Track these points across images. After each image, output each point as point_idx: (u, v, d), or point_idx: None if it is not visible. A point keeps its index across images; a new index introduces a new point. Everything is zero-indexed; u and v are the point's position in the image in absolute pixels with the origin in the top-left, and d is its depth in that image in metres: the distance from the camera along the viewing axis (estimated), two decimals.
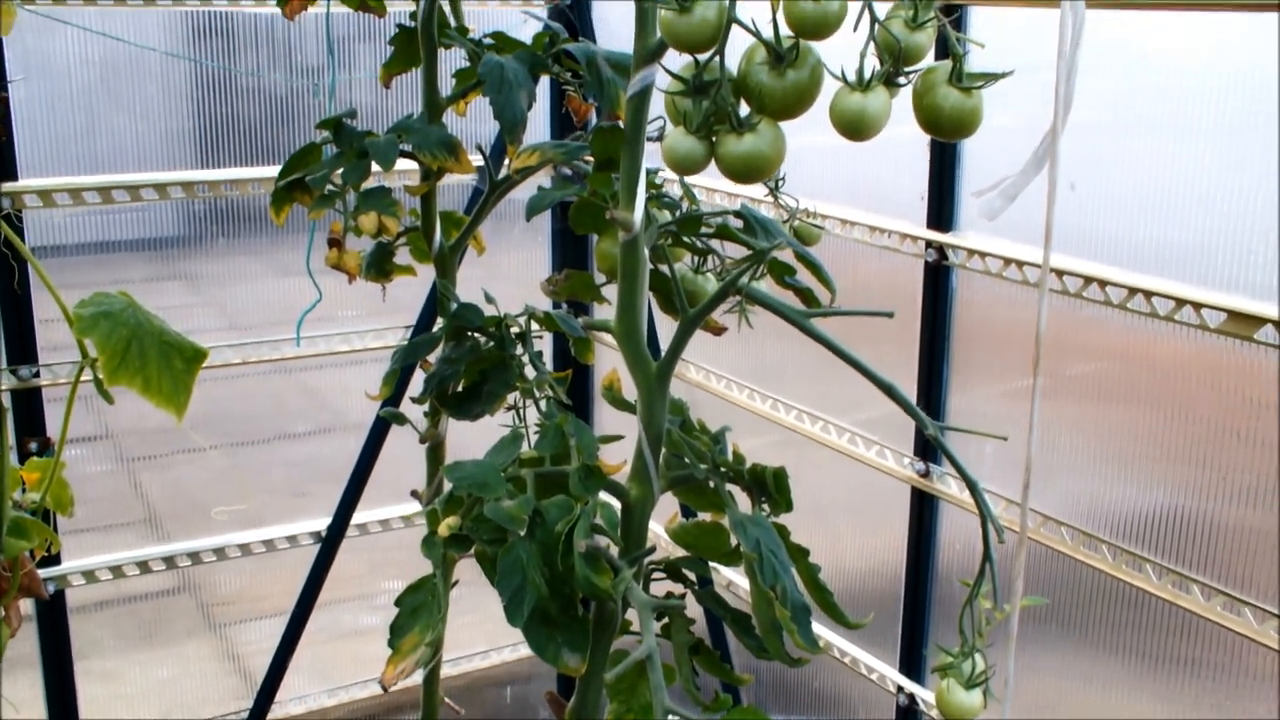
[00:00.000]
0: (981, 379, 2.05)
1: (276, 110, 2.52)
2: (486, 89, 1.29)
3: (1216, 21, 1.58)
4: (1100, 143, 1.76)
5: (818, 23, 0.75)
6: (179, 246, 2.66)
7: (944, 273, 1.95)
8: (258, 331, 2.57)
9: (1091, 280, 1.70)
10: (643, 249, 0.99)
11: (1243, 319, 1.53)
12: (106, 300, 1.52)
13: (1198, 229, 1.66)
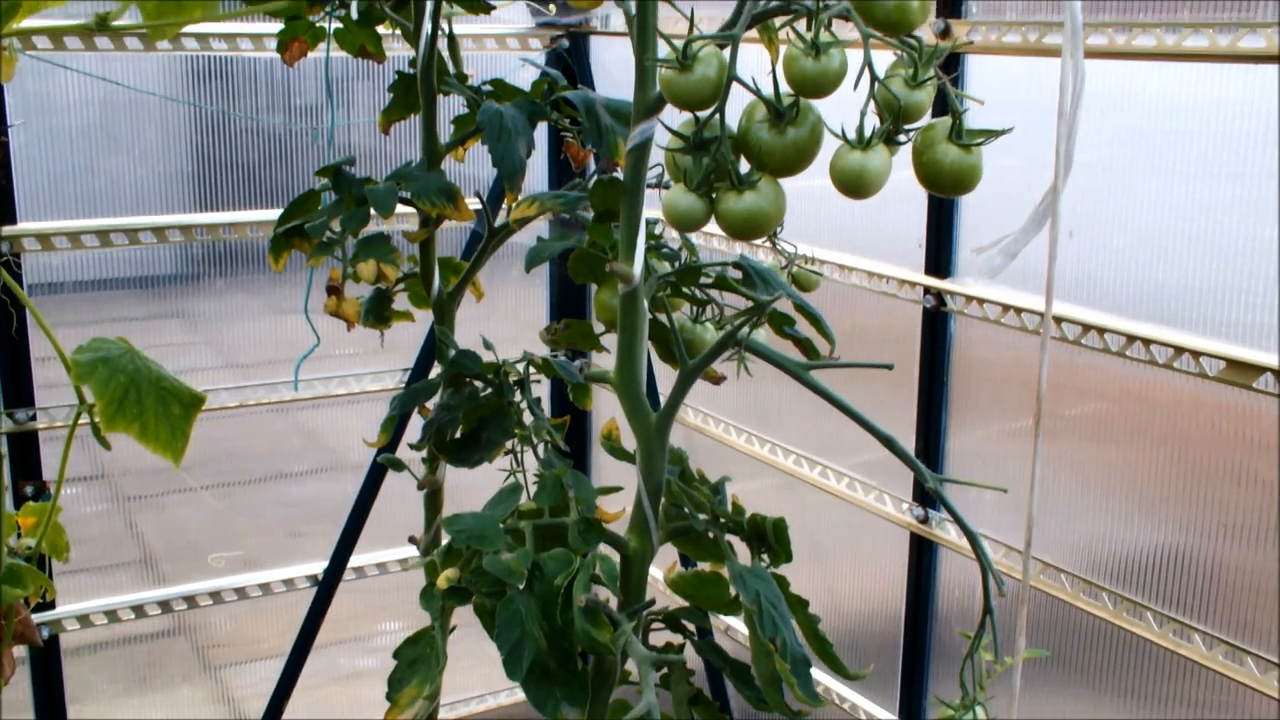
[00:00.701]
0: (981, 420, 2.05)
1: (275, 152, 2.52)
2: (485, 137, 1.29)
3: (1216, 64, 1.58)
4: (1097, 187, 1.76)
5: (818, 81, 0.75)
6: (176, 284, 2.66)
7: (942, 319, 1.95)
8: (255, 371, 2.56)
9: (1090, 328, 1.70)
10: (642, 301, 0.99)
11: (1241, 367, 1.53)
12: (104, 346, 1.52)
13: (1196, 274, 1.66)
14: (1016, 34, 1.69)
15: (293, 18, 1.48)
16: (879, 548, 2.25)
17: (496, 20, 1.96)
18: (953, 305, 1.92)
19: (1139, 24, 1.54)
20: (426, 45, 1.35)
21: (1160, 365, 1.62)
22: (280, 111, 2.52)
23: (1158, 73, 1.65)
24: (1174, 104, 1.69)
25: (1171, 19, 1.52)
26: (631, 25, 0.94)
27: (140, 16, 1.47)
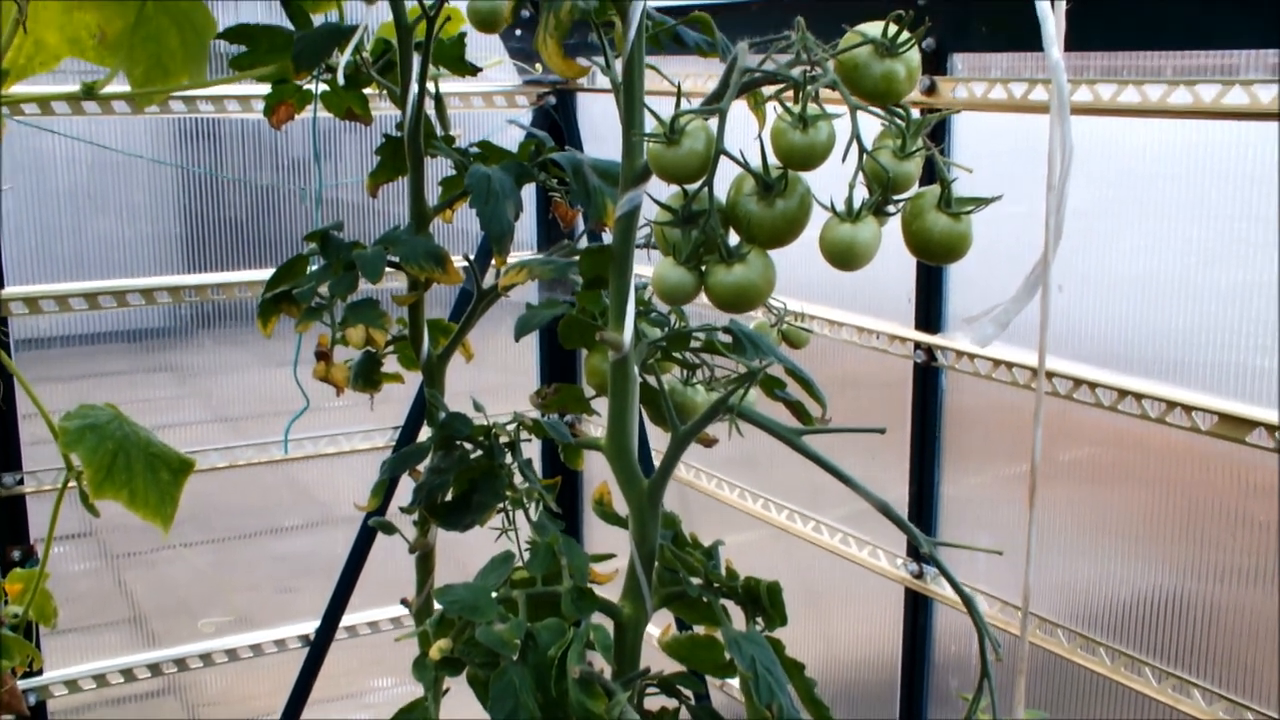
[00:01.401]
0: (974, 467, 2.04)
1: (264, 211, 2.53)
2: (473, 200, 1.29)
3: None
4: (1084, 231, 1.77)
5: (806, 154, 0.75)
6: (165, 338, 2.66)
7: (933, 374, 1.95)
8: (245, 425, 2.56)
9: (1081, 382, 1.70)
10: (633, 368, 0.99)
11: (1234, 421, 1.53)
12: (92, 412, 1.51)
13: (1188, 318, 1.66)
14: (1002, 90, 1.70)
15: (279, 81, 1.48)
16: (873, 599, 2.24)
17: (483, 79, 1.96)
18: (943, 360, 1.92)
19: (1122, 80, 1.55)
20: (413, 109, 1.35)
21: (1153, 420, 1.62)
22: (269, 168, 2.52)
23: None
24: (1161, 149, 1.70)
25: (1156, 75, 1.53)
26: (618, 95, 0.94)
27: (128, 83, 1.47)
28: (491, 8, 1.25)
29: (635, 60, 0.92)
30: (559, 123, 2.61)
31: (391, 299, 1.42)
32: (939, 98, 1.78)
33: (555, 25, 0.94)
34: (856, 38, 0.77)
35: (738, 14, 2.07)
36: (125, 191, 2.44)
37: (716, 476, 2.39)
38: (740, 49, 0.81)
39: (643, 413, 1.11)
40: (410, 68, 1.34)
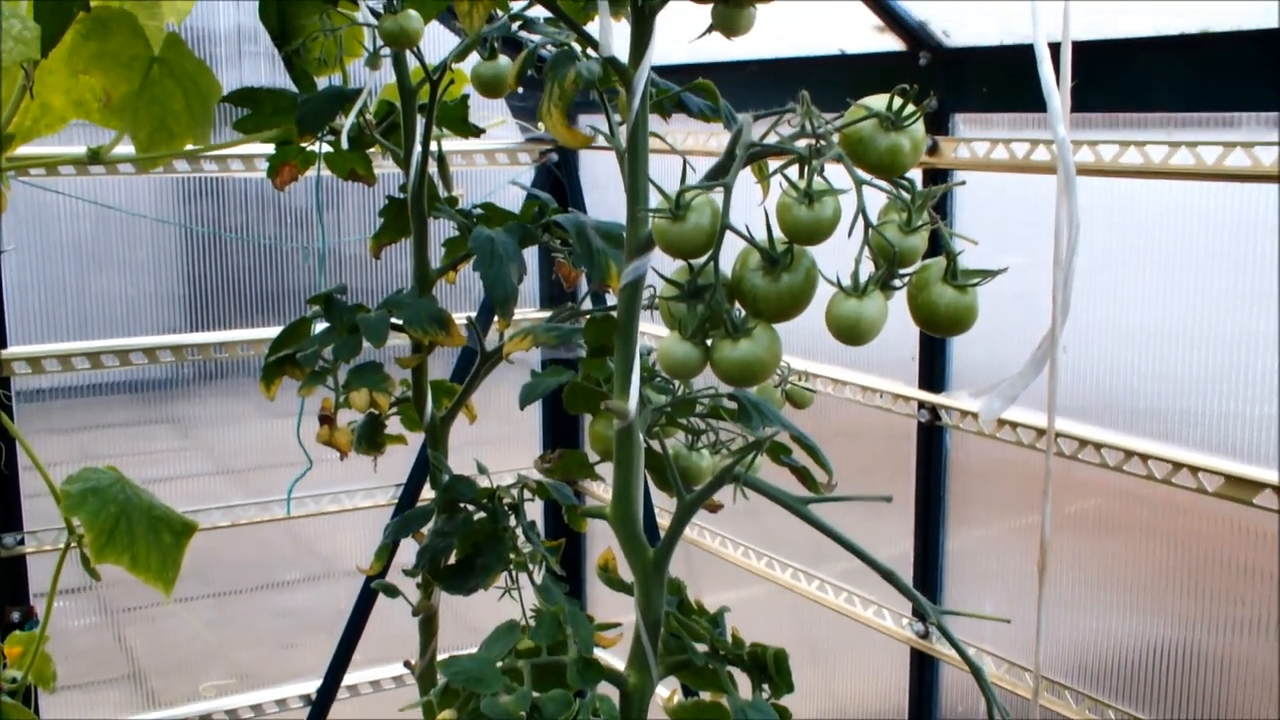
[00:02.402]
0: (979, 520, 2.04)
1: (266, 269, 2.53)
2: (477, 263, 1.29)
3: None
4: (1091, 289, 1.77)
5: (812, 229, 0.74)
6: (167, 390, 2.66)
7: (937, 433, 1.95)
8: (247, 477, 2.55)
9: (1086, 443, 1.69)
10: (638, 436, 0.99)
11: (1241, 483, 1.52)
12: (94, 476, 1.51)
13: (1194, 389, 1.66)
14: (1004, 150, 1.70)
15: (283, 143, 1.49)
16: (879, 658, 2.23)
17: (486, 137, 1.97)
18: (948, 420, 1.92)
19: (1124, 142, 1.55)
20: (417, 171, 1.35)
21: (1159, 481, 1.61)
22: (271, 223, 2.53)
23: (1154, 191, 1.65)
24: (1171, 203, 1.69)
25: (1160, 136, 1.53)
26: (622, 163, 0.94)
27: (132, 145, 1.48)
28: (496, 74, 1.26)
29: (640, 129, 0.93)
30: (561, 179, 2.62)
31: (395, 361, 1.42)
32: (941, 157, 1.78)
33: (559, 95, 0.95)
34: (861, 111, 0.77)
35: (737, 73, 2.08)
36: (129, 249, 2.45)
37: (721, 535, 2.39)
38: (745, 121, 0.81)
39: (647, 476, 1.11)
40: (414, 130, 1.34)
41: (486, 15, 0.99)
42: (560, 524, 1.43)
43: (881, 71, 1.88)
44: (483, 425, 1.47)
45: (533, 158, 2.61)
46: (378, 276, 2.61)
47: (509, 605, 1.28)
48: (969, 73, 1.75)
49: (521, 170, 2.61)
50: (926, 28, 1.81)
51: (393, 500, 2.56)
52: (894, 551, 2.10)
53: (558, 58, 0.98)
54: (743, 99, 2.09)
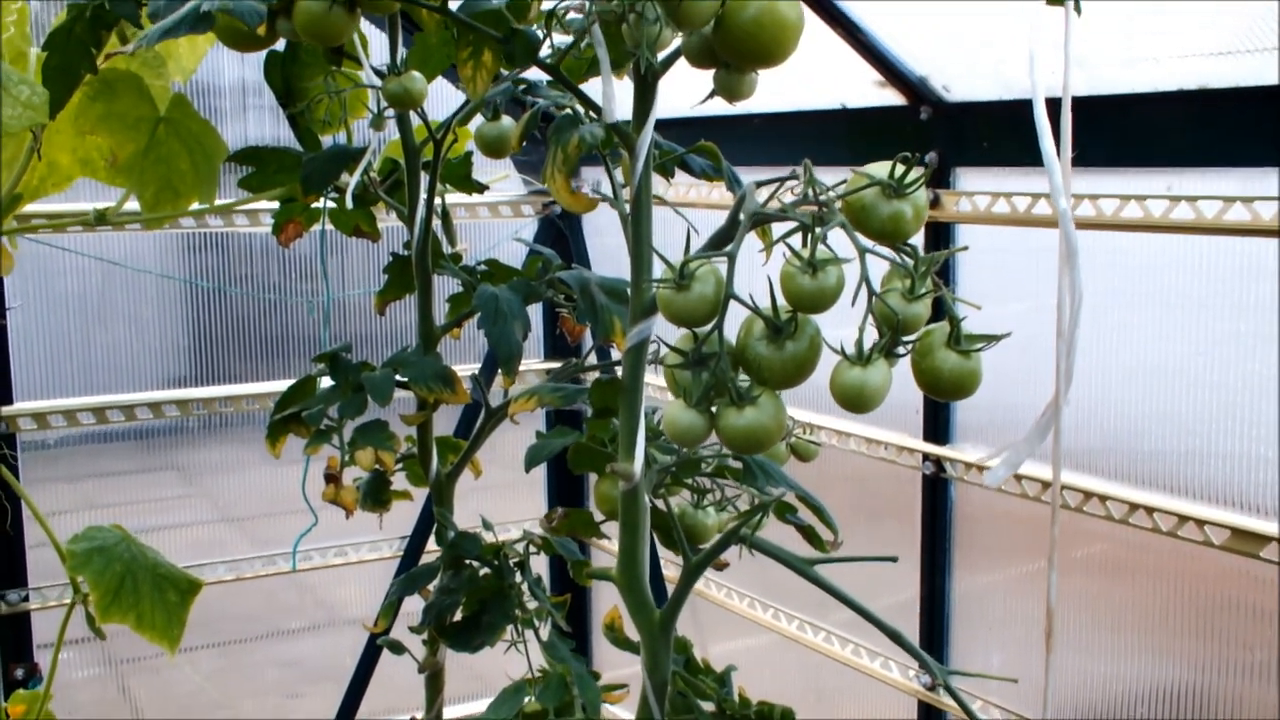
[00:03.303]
0: (985, 567, 2.03)
1: (272, 322, 2.53)
2: (481, 321, 1.30)
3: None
4: (1094, 337, 1.77)
5: (815, 298, 0.75)
6: (171, 436, 2.65)
7: (942, 485, 1.95)
8: (252, 526, 2.54)
9: (1091, 495, 1.69)
10: (643, 497, 0.99)
11: (1247, 536, 1.52)
12: (99, 534, 1.51)
13: (1196, 430, 1.66)
14: (1005, 204, 1.71)
15: (288, 200, 1.49)
16: (886, 708, 2.22)
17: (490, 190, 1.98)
18: (952, 472, 1.92)
19: (1125, 196, 1.56)
20: (421, 229, 1.36)
21: (1164, 534, 1.61)
22: (276, 274, 2.54)
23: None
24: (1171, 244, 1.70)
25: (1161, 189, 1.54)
26: (625, 225, 0.95)
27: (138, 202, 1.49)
28: (499, 134, 1.27)
29: (643, 193, 0.93)
30: (564, 230, 2.63)
31: (400, 417, 1.42)
32: (942, 211, 1.79)
33: (563, 160, 0.95)
34: (863, 179, 0.78)
35: (740, 127, 2.09)
36: (134, 303, 2.45)
37: (726, 586, 2.38)
38: (748, 189, 0.82)
39: (653, 534, 1.11)
40: (418, 189, 1.35)
41: (490, 81, 1.00)
42: (566, 578, 1.43)
43: (883, 125, 1.90)
44: (487, 471, 1.47)
45: (536, 209, 2.62)
46: (382, 325, 2.61)
47: (515, 655, 1.28)
48: (970, 127, 1.76)
49: (525, 222, 2.62)
50: (927, 83, 1.83)
51: (398, 553, 2.56)
52: (900, 598, 2.09)
53: (561, 122, 0.99)
54: (746, 152, 2.11)
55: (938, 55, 1.81)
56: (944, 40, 1.79)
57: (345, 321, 2.63)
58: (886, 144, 1.84)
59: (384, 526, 2.51)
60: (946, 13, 1.69)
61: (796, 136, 2.03)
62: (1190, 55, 1.48)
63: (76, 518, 2.51)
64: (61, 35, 1.27)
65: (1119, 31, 1.56)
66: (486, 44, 0.96)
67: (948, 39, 1.78)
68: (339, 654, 2.62)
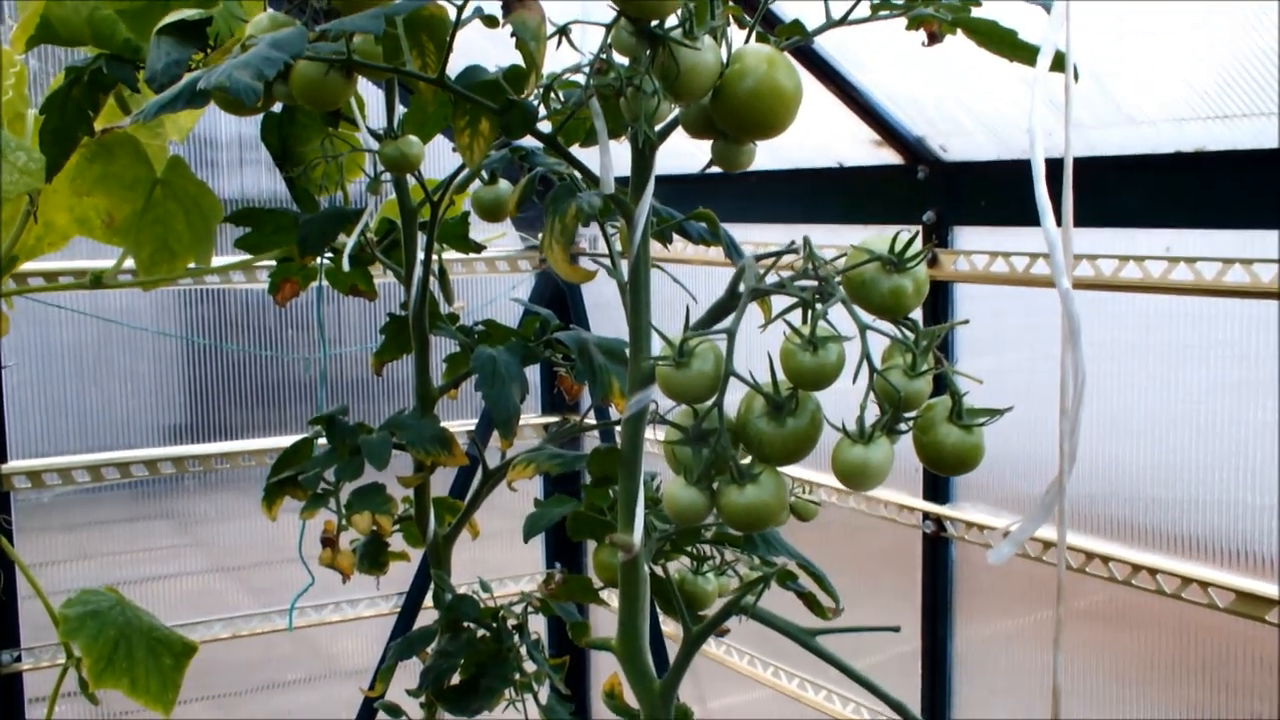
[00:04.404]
0: (988, 619, 2.02)
1: (268, 377, 2.53)
2: (479, 383, 1.29)
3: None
4: (1094, 387, 1.76)
5: (816, 375, 0.74)
6: (166, 485, 2.64)
7: (943, 544, 1.94)
8: (248, 575, 2.53)
9: (1093, 556, 1.68)
10: (643, 568, 0.98)
11: (1253, 599, 1.51)
12: (94, 599, 1.50)
13: (1198, 478, 1.65)
14: (1003, 263, 1.71)
15: (284, 259, 1.49)
16: None
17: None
18: (953, 531, 1.91)
19: (1123, 256, 1.56)
20: (418, 289, 1.36)
21: (1168, 595, 1.60)
22: (273, 327, 2.53)
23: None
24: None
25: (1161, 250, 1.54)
26: (624, 294, 0.94)
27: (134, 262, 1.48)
28: (496, 198, 1.27)
29: (641, 263, 0.93)
30: (561, 285, 2.63)
31: (397, 479, 1.42)
32: (940, 270, 1.79)
33: (561, 230, 0.95)
34: (863, 254, 0.77)
35: (737, 184, 2.10)
36: (130, 359, 2.45)
37: (725, 643, 2.37)
38: (747, 264, 0.81)
39: (652, 599, 1.10)
40: (415, 250, 1.35)
41: (487, 150, 1.00)
42: (565, 637, 1.42)
43: (879, 184, 1.90)
44: (484, 520, 1.46)
45: (533, 264, 2.62)
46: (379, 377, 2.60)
47: (512, 715, 1.27)
48: (967, 186, 1.76)
49: (522, 277, 2.62)
50: (924, 142, 1.83)
51: (395, 609, 2.55)
52: (904, 649, 2.08)
53: (558, 192, 0.98)
54: (742, 210, 2.12)
55: (935, 115, 1.82)
56: (941, 100, 1.79)
57: (342, 372, 2.63)
58: (883, 202, 1.85)
59: (381, 584, 2.50)
60: (943, 73, 1.70)
61: (793, 194, 2.03)
62: (1189, 119, 1.48)
63: (70, 568, 2.50)
64: (59, 98, 1.28)
65: (1118, 94, 1.57)
66: (484, 113, 0.96)
67: (944, 99, 1.79)
68: (335, 707, 2.60)
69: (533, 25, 0.85)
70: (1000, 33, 0.89)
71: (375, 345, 1.47)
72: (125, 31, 1.29)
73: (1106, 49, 1.52)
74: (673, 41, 0.81)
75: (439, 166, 1.34)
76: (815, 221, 1.99)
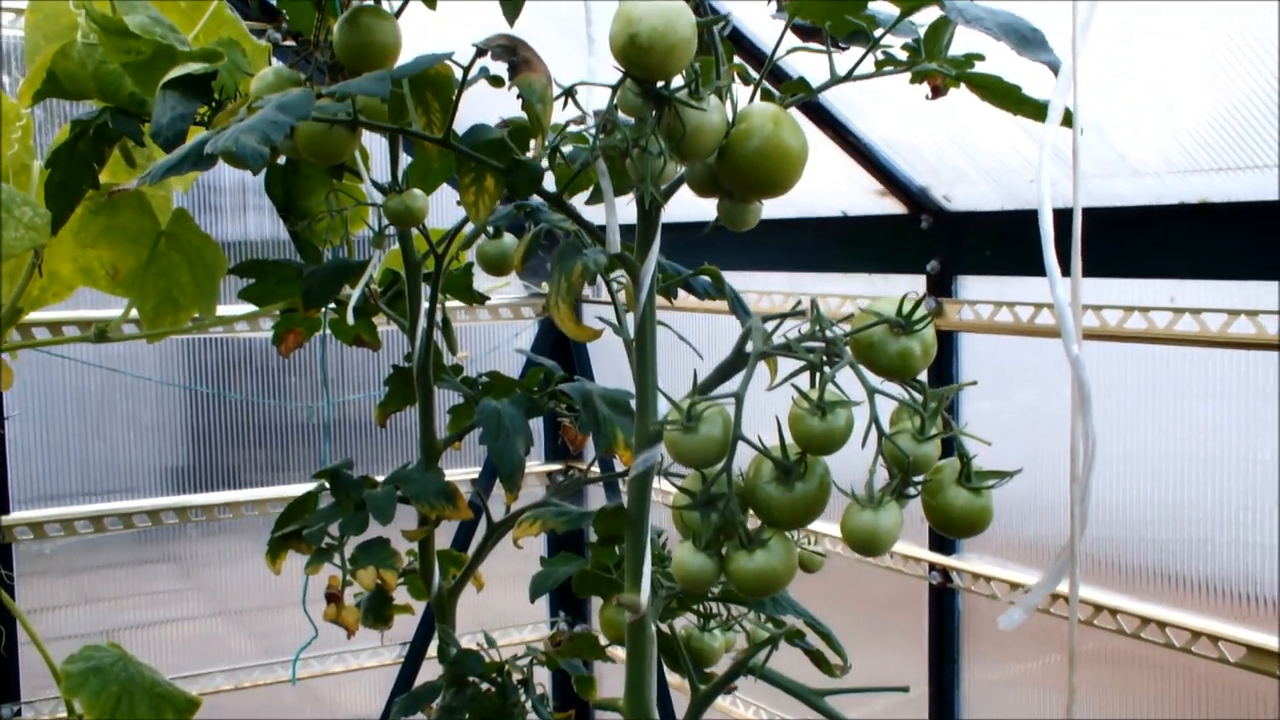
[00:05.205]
0: (992, 668, 2.01)
1: (271, 425, 2.52)
2: (483, 436, 1.29)
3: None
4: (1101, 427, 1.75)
5: (825, 440, 0.74)
6: (168, 528, 2.63)
7: (949, 595, 1.93)
8: (250, 619, 2.51)
9: (1102, 609, 1.67)
10: (650, 628, 0.98)
11: (1263, 654, 1.50)
12: (96, 654, 1.49)
13: (1206, 517, 1.64)
14: (1008, 313, 1.71)
15: (288, 310, 1.49)
16: None
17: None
18: (959, 582, 1.90)
19: (1128, 308, 1.56)
20: (422, 342, 1.35)
21: (1178, 649, 1.59)
22: (277, 375, 2.53)
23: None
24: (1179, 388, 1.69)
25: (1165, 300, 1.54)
26: (630, 350, 0.94)
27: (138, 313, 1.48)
28: (501, 252, 1.27)
29: (648, 320, 0.93)
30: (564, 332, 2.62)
31: (401, 533, 1.41)
32: (945, 319, 1.79)
33: (567, 289, 0.95)
34: (870, 317, 0.77)
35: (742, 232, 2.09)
36: (133, 406, 2.45)
37: (730, 694, 2.35)
38: (755, 326, 0.81)
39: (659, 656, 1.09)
40: (419, 302, 1.34)
41: (492, 207, 1.00)
42: (570, 690, 1.41)
43: (884, 233, 1.90)
44: (489, 562, 1.45)
45: (536, 312, 2.62)
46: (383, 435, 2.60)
47: None
48: (971, 236, 1.76)
49: (525, 324, 2.62)
50: (928, 193, 1.83)
51: (398, 659, 2.53)
52: (911, 694, 2.07)
53: (564, 250, 0.98)
54: (747, 258, 2.11)
55: (938, 165, 1.82)
56: (944, 150, 1.80)
57: (345, 416, 2.62)
58: (887, 251, 1.85)
59: (384, 634, 2.49)
60: (947, 123, 1.70)
61: (797, 243, 2.03)
62: (1192, 170, 1.48)
63: (71, 613, 2.49)
64: (65, 152, 1.28)
65: (1121, 146, 1.57)
66: (489, 171, 0.96)
67: (948, 149, 1.79)
68: None
69: (539, 88, 0.85)
70: (1004, 88, 0.89)
71: (378, 391, 1.46)
72: (130, 86, 1.29)
73: (1110, 101, 1.52)
74: (679, 102, 0.81)
75: (443, 216, 1.34)
76: (819, 270, 2.00)
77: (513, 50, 0.85)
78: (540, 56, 0.88)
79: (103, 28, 1.23)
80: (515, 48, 0.85)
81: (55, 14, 1.40)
